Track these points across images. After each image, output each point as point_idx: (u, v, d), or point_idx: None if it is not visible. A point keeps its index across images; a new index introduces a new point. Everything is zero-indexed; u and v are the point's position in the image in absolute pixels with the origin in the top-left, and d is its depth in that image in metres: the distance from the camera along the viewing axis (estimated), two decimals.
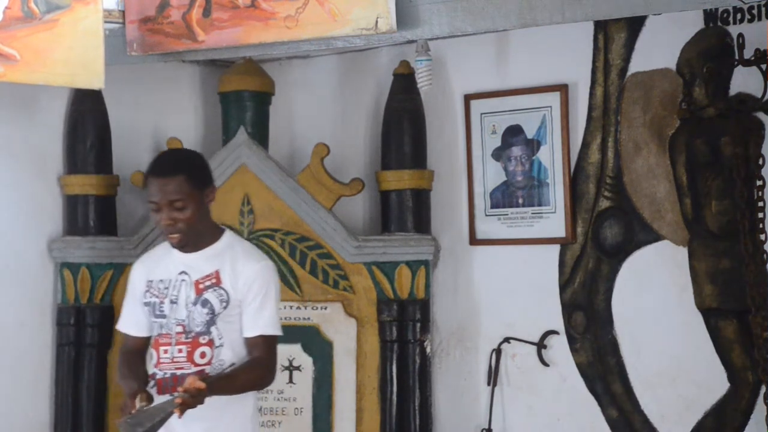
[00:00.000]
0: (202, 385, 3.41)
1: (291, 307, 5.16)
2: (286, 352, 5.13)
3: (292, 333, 5.13)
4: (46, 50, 4.21)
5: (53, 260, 5.19)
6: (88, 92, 4.96)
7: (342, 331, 5.15)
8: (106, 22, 4.42)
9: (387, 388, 5.10)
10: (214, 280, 3.69)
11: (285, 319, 5.10)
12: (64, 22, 4.22)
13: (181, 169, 3.72)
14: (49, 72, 4.24)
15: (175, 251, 3.76)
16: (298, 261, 5.16)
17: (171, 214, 3.65)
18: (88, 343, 5.16)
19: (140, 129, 5.52)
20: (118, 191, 5.32)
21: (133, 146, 5.47)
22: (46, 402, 5.17)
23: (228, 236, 3.81)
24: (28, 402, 5.12)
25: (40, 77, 4.25)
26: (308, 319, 5.16)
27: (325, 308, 5.16)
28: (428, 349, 5.13)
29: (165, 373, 3.70)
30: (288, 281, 5.16)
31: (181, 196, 3.65)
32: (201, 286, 3.69)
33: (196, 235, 3.71)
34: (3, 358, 5.02)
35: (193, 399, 3.40)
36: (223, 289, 3.67)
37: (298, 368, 5.13)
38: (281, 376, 5.13)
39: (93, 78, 4.36)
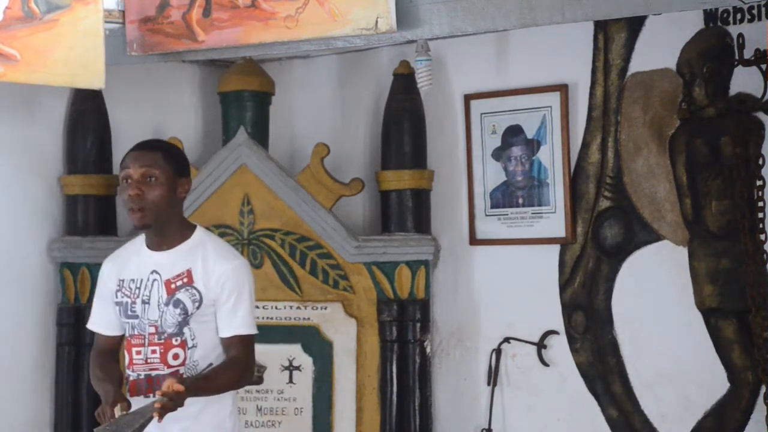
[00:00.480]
0: (180, 387, 3.35)
1: (291, 307, 5.16)
2: (286, 352, 5.14)
3: (292, 333, 5.14)
4: (47, 50, 4.20)
5: (53, 260, 5.19)
6: (88, 92, 4.96)
7: (342, 331, 5.15)
8: (106, 22, 4.42)
9: (387, 388, 5.10)
10: (185, 280, 3.62)
11: (285, 319, 5.13)
12: (65, 22, 4.22)
13: (160, 147, 3.69)
14: (49, 72, 4.24)
15: (145, 249, 3.69)
16: (298, 261, 5.16)
17: (140, 186, 3.57)
18: (88, 343, 5.11)
19: (140, 129, 5.51)
20: (118, 191, 5.32)
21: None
22: (46, 402, 5.17)
23: (199, 233, 3.71)
24: (28, 402, 5.12)
25: (40, 77, 4.25)
26: (308, 319, 5.15)
27: (325, 308, 5.16)
28: (428, 349, 5.13)
29: (138, 375, 3.64)
30: (288, 281, 5.16)
31: (154, 169, 3.58)
32: (173, 285, 3.61)
33: (161, 222, 3.61)
34: (3, 358, 5.02)
35: (173, 402, 3.35)
36: (195, 288, 3.61)
37: (298, 368, 5.14)
38: (281, 376, 5.13)
39: (93, 78, 4.35)
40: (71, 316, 5.15)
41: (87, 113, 5.21)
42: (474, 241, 5.18)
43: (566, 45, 4.87)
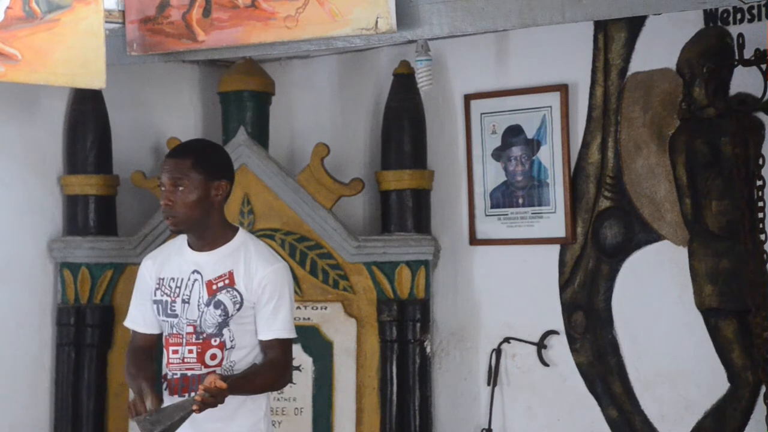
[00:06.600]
0: (223, 385, 3.40)
1: None
2: None
3: None
4: (47, 50, 4.21)
5: (53, 260, 5.19)
6: (88, 92, 4.96)
7: (342, 331, 5.15)
8: (106, 22, 4.42)
9: (387, 388, 5.10)
10: (227, 281, 3.64)
11: None
12: (65, 22, 4.22)
13: (191, 153, 3.68)
14: (49, 72, 4.24)
15: (187, 249, 3.72)
16: (298, 261, 5.16)
17: (171, 196, 3.61)
18: (88, 343, 5.16)
19: (140, 129, 5.53)
20: (118, 191, 5.32)
21: (133, 146, 5.48)
22: (46, 402, 5.17)
23: (241, 235, 3.74)
24: (28, 402, 5.12)
25: (41, 77, 4.25)
26: (308, 319, 5.16)
27: (325, 308, 5.16)
28: (428, 349, 5.13)
29: (174, 374, 3.67)
30: None
31: (182, 177, 3.60)
32: (214, 286, 3.64)
33: (198, 226, 3.65)
34: (3, 358, 5.02)
35: (214, 398, 3.40)
36: (237, 290, 3.63)
37: (298, 368, 5.13)
38: None
39: (94, 78, 4.36)
40: (71, 316, 5.15)
41: (87, 113, 5.21)
42: (474, 241, 5.18)
43: (566, 45, 4.87)
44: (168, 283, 3.71)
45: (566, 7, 3.95)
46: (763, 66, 4.30)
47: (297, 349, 5.10)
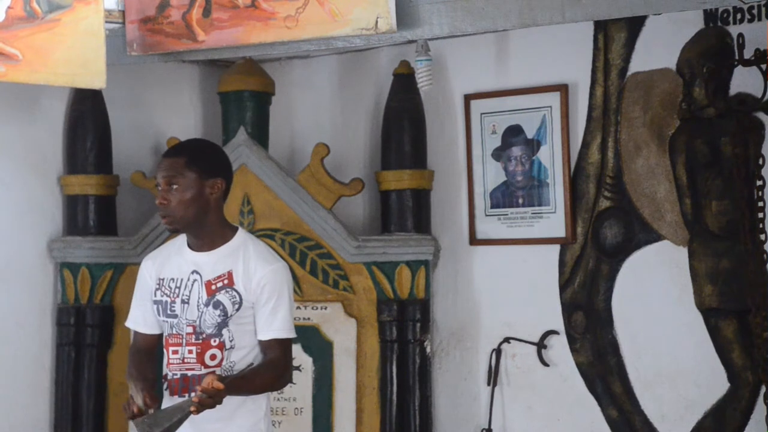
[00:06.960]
0: (220, 386, 3.40)
1: None
2: None
3: None
4: (48, 50, 4.21)
5: (53, 260, 5.19)
6: (88, 92, 4.97)
7: (342, 331, 5.15)
8: (106, 22, 4.42)
9: (387, 388, 5.10)
10: (226, 281, 3.65)
11: None
12: (66, 22, 4.22)
13: (185, 152, 3.70)
14: (50, 72, 4.24)
15: (187, 249, 3.72)
16: (298, 261, 5.16)
17: (166, 194, 3.63)
18: (88, 343, 5.16)
19: (140, 129, 5.53)
20: (118, 191, 5.32)
21: (133, 146, 5.48)
22: (46, 402, 5.17)
23: (241, 235, 3.74)
24: (28, 402, 5.11)
25: (42, 77, 4.25)
26: (308, 319, 5.16)
27: (325, 308, 5.16)
28: (428, 349, 5.13)
29: (175, 374, 3.67)
30: None
31: (176, 175, 3.61)
32: (213, 287, 3.64)
33: (195, 225, 3.65)
34: (3, 358, 5.02)
35: (212, 399, 3.40)
36: (236, 290, 3.64)
37: (298, 368, 5.13)
38: None
39: (94, 78, 4.36)
40: (71, 316, 5.15)
41: (87, 113, 5.21)
42: (474, 241, 5.18)
43: (566, 45, 4.87)
44: (168, 284, 3.71)
45: (566, 7, 3.95)
46: (763, 66, 4.30)
47: (297, 349, 5.11)
